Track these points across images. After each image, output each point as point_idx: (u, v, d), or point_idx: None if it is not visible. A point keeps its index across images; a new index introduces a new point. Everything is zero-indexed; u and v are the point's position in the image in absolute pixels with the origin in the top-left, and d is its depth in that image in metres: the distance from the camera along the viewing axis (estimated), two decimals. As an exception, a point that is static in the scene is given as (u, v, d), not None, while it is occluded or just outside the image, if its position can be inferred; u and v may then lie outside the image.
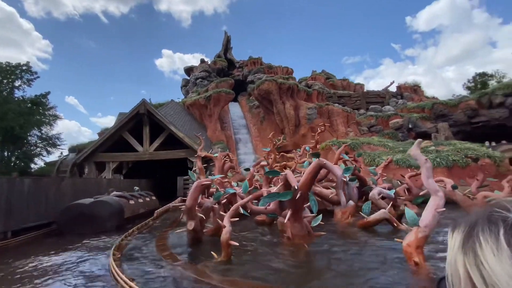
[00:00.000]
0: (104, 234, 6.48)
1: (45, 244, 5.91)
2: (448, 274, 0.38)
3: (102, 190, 9.86)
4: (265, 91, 16.70)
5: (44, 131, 30.33)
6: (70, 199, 7.99)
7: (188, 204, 4.35)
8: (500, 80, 32.19)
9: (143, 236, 6.03)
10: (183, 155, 15.74)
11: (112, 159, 14.90)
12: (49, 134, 30.65)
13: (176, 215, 9.24)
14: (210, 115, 23.28)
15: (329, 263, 3.69)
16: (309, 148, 9.15)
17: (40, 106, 27.09)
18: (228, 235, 3.75)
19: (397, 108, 21.33)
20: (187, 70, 34.16)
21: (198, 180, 4.69)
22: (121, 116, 23.65)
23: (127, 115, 15.04)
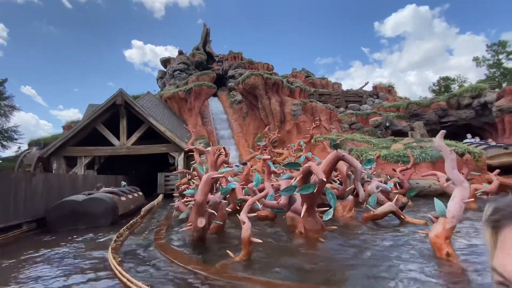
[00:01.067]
0: (99, 231, 5.92)
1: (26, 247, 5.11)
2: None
3: (78, 187, 8.93)
4: (250, 85, 16.38)
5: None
6: (43, 197, 7.08)
7: (199, 199, 3.96)
8: (462, 84, 35.20)
9: (136, 236, 5.48)
10: (164, 149, 14.92)
11: (85, 153, 13.63)
12: (4, 127, 27.54)
13: (164, 213, 8.66)
14: (190, 109, 22.41)
15: (353, 256, 3.55)
16: (303, 142, 9.07)
17: (-6, 95, 24.13)
18: (249, 232, 3.44)
19: (374, 107, 22.25)
20: (163, 62, 32.56)
21: (208, 173, 4.29)
22: (91, 108, 21.94)
23: (101, 106, 13.83)
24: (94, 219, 6.60)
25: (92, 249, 4.72)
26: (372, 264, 3.30)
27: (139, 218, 7.14)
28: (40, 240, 5.72)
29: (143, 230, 6.15)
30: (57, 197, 7.67)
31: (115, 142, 14.18)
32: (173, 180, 14.67)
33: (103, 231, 6.27)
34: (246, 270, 3.29)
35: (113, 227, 6.42)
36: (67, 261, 4.13)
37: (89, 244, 5.14)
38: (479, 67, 35.35)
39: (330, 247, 4.07)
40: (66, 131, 30.27)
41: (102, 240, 5.45)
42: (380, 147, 12.02)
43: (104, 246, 4.54)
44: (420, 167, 9.44)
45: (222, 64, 33.05)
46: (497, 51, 33.99)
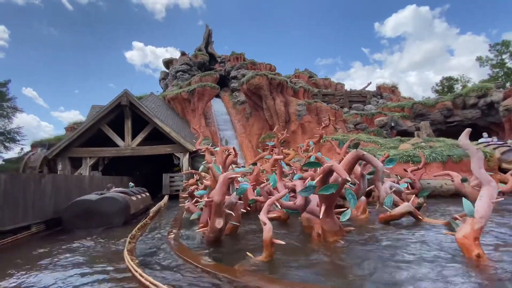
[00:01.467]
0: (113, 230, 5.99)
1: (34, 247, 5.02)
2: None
3: (85, 188, 8.86)
4: (255, 86, 16.31)
5: (1, 124, 27.22)
6: (51, 198, 7.00)
7: (217, 199, 3.87)
8: (465, 84, 35.08)
9: (148, 238, 5.39)
10: (169, 150, 14.84)
11: (89, 154, 13.56)
12: (7, 128, 27.56)
13: (172, 214, 8.56)
14: (194, 110, 22.37)
15: (375, 258, 3.45)
16: (312, 142, 8.97)
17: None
18: (271, 233, 3.36)
19: (378, 107, 22.15)
20: (166, 63, 32.54)
21: (224, 173, 4.21)
22: (95, 109, 21.93)
23: (106, 107, 13.76)
24: (107, 218, 6.71)
25: (108, 249, 4.64)
26: (396, 266, 3.20)
27: (148, 219, 7.06)
28: (55, 239, 5.63)
29: (154, 231, 6.06)
30: (64, 198, 7.60)
31: (120, 143, 14.10)
32: (178, 181, 14.60)
33: (117, 230, 6.33)
34: (268, 272, 3.20)
35: (126, 227, 6.55)
36: (83, 260, 4.05)
37: (105, 244, 5.05)
38: (482, 67, 35.26)
39: (349, 248, 3.97)
40: (69, 132, 30.29)
41: (116, 240, 5.36)
42: (388, 147, 11.92)
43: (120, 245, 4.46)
44: (431, 167, 9.34)
45: (224, 65, 33.02)
46: (501, 51, 33.89)
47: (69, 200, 7.74)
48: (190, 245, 4.62)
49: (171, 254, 4.11)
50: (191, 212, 6.86)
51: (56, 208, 7.14)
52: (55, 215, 7.18)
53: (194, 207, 6.90)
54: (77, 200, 6.78)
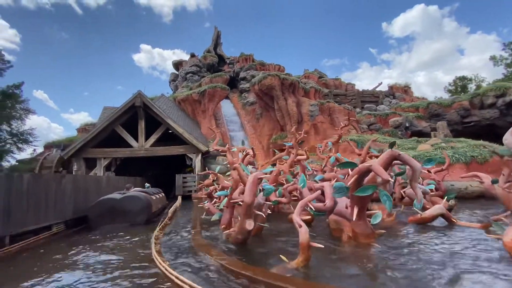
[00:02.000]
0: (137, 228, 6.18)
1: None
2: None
3: (102, 188, 8.88)
4: (267, 86, 16.19)
5: (14, 126, 27.75)
6: (71, 198, 7.01)
7: (248, 200, 3.75)
8: (479, 83, 34.24)
9: (171, 238, 5.31)
10: (182, 151, 14.84)
11: (104, 155, 13.66)
12: (20, 130, 28.09)
13: (187, 214, 8.49)
14: (204, 111, 22.39)
15: (413, 263, 3.26)
16: (331, 143, 8.79)
17: (12, 98, 24.61)
18: (308, 235, 3.21)
19: (391, 107, 21.75)
20: (175, 65, 32.77)
21: (254, 173, 4.08)
22: (107, 110, 22.17)
23: (120, 108, 13.86)
24: (131, 216, 6.91)
25: (135, 250, 4.57)
26: (436, 270, 3.01)
27: (167, 220, 7.00)
28: (79, 239, 5.61)
29: (174, 231, 5.98)
30: (83, 198, 7.61)
31: (134, 143, 14.17)
32: (190, 182, 14.58)
33: (139, 228, 6.48)
34: (305, 277, 3.06)
35: (148, 225, 6.82)
36: (112, 259, 3.98)
37: (130, 244, 4.99)
38: (496, 66, 34.33)
39: (384, 252, 3.79)
40: (80, 133, 30.75)
41: (141, 237, 5.30)
42: (406, 148, 11.63)
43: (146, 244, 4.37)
44: (454, 169, 9.03)
45: (233, 66, 33.05)
46: (516, 49, 32.92)
47: (88, 200, 7.76)
48: (217, 246, 4.51)
49: (200, 255, 4.00)
50: (211, 213, 6.76)
51: (75, 208, 7.15)
52: (74, 215, 7.19)
53: (214, 208, 6.80)
54: (102, 199, 6.97)
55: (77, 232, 6.59)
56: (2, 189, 4.80)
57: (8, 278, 3.62)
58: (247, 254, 4.02)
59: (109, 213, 6.78)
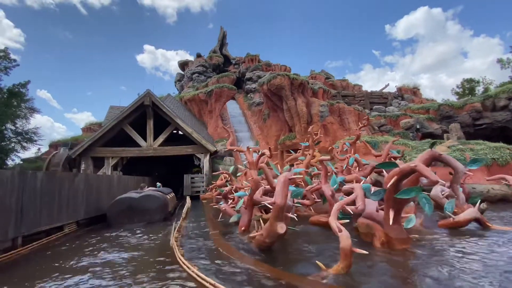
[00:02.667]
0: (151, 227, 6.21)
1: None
2: None
3: (113, 187, 8.69)
4: (276, 86, 15.98)
5: (19, 124, 27.69)
6: (83, 197, 6.82)
7: (281, 202, 3.52)
8: (487, 86, 33.83)
9: (191, 240, 5.09)
10: (190, 151, 14.65)
11: (112, 154, 13.50)
12: (24, 128, 28.04)
13: (198, 215, 8.28)
14: (211, 111, 22.24)
15: (460, 270, 3.01)
16: (349, 144, 8.56)
17: (18, 96, 24.57)
18: (350, 241, 2.98)
19: (401, 109, 21.46)
20: (181, 65, 32.68)
21: (284, 174, 3.86)
22: (113, 110, 22.08)
23: (129, 107, 13.71)
24: (149, 214, 7.04)
25: (157, 253, 4.35)
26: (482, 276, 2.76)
27: (182, 221, 6.79)
28: (102, 238, 5.41)
29: (193, 233, 5.76)
30: (95, 197, 7.43)
31: (142, 143, 14.01)
32: (198, 182, 14.38)
33: (157, 225, 6.65)
34: (347, 286, 2.82)
35: (165, 223, 6.99)
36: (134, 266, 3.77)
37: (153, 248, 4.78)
38: (504, 69, 33.93)
39: (423, 259, 3.55)
40: (85, 133, 30.68)
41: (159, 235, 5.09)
42: (420, 149, 11.34)
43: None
44: (474, 171, 8.73)
45: (238, 67, 32.92)
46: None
47: (100, 200, 7.58)
48: (242, 250, 4.28)
49: (229, 259, 3.78)
50: (228, 214, 6.55)
51: (87, 208, 6.96)
52: (86, 215, 7.01)
53: (231, 209, 6.59)
54: (120, 198, 7.06)
55: (90, 232, 6.40)
56: (15, 188, 4.61)
57: (23, 281, 3.41)
58: (275, 258, 3.79)
59: (128, 211, 6.87)
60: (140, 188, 8.52)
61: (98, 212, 7.49)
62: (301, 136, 16.18)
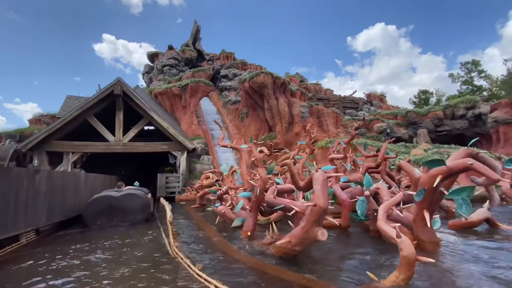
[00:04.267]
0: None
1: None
2: None
3: (81, 187, 7.40)
4: (259, 84, 15.53)
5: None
6: (45, 200, 5.57)
7: (324, 204, 3.03)
8: (440, 97, 37.59)
9: (189, 246, 4.32)
10: (166, 148, 13.45)
11: (73, 149, 11.73)
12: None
13: (188, 219, 7.41)
14: (185, 107, 20.97)
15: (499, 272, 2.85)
16: (343, 143, 8.44)
17: None
18: (413, 248, 2.61)
19: (370, 114, 22.55)
20: (150, 56, 30.47)
21: (320, 172, 3.37)
22: (71, 100, 19.68)
23: (96, 96, 12.07)
24: (131, 215, 6.61)
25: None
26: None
27: (169, 224, 5.92)
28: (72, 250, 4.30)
29: (190, 240, 4.97)
30: (60, 199, 6.16)
31: (110, 137, 12.44)
32: (174, 182, 13.24)
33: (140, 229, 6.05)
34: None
35: (148, 224, 6.61)
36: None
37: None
38: (454, 83, 38.11)
39: (459, 260, 3.35)
40: (33, 125, 26.89)
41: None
42: (399, 152, 11.81)
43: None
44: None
45: (213, 63, 31.84)
46: (470, 69, 36.86)
47: (65, 202, 6.34)
48: (267, 259, 3.69)
49: (250, 271, 3.16)
50: (227, 217, 5.87)
51: (50, 211, 5.71)
52: (48, 221, 5.75)
53: (230, 212, 5.92)
54: (98, 197, 6.54)
55: (55, 241, 5.22)
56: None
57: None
58: (303, 266, 3.28)
59: (107, 211, 6.39)
60: (118, 187, 7.83)
61: (63, 216, 6.24)
62: (282, 136, 15.95)
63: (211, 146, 19.86)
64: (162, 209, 9.55)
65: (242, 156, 7.48)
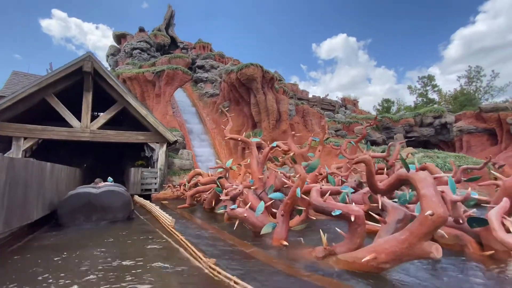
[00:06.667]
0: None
1: None
2: None
3: (46, 180, 5.80)
4: (248, 76, 14.61)
5: None
6: (5, 197, 4.06)
7: (445, 213, 2.39)
8: (400, 106, 40.75)
9: (229, 263, 3.37)
10: (142, 139, 11.80)
11: (26, 133, 9.50)
12: None
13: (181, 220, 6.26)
14: (159, 95, 19.07)
15: None
16: (353, 142, 8.09)
17: None
18: None
19: (347, 117, 23.19)
20: (117, 37, 27.26)
21: (425, 172, 2.72)
22: (17, 76, 16.61)
23: (58, 71, 9.95)
24: (112, 213, 6.21)
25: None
26: None
27: (174, 230, 4.81)
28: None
29: (213, 252, 3.96)
30: (22, 196, 4.61)
31: (75, 123, 10.41)
32: (150, 177, 11.68)
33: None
34: None
35: (130, 222, 6.22)
36: None
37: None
38: (412, 94, 41.73)
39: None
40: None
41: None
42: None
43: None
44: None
45: (187, 52, 29.82)
46: (426, 83, 40.70)
47: (27, 201, 4.80)
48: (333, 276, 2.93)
49: None
50: (250, 223, 4.95)
51: (8, 216, 4.18)
52: (6, 227, 4.22)
53: (253, 216, 5.01)
54: (75, 193, 6.03)
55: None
56: None
57: None
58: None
59: (85, 209, 5.96)
60: (94, 183, 7.21)
61: (24, 219, 4.69)
62: (268, 133, 15.29)
63: (187, 140, 18.34)
64: (139, 209, 8.23)
65: (252, 151, 6.62)
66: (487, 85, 34.28)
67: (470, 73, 35.22)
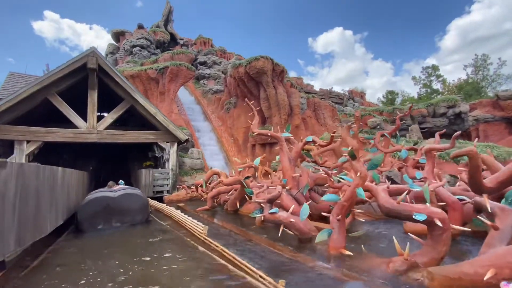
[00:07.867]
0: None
1: None
2: None
3: (58, 187, 5.19)
4: (258, 69, 13.93)
5: None
6: (16, 210, 3.44)
7: None
8: (405, 98, 40.14)
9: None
10: (152, 138, 11.17)
11: (29, 136, 8.85)
12: None
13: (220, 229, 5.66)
14: (163, 93, 18.38)
15: None
16: (387, 134, 7.51)
17: None
18: None
19: (356, 109, 22.57)
20: (116, 34, 26.42)
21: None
22: (14, 78, 15.87)
23: (61, 69, 9.27)
24: (130, 215, 6.13)
25: None
26: None
27: (208, 239, 4.21)
28: None
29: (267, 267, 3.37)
30: (34, 208, 4.00)
31: (80, 123, 9.75)
32: (161, 179, 11.08)
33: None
34: None
35: (148, 224, 6.13)
36: None
37: None
38: (417, 85, 41.12)
39: None
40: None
41: None
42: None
43: None
44: (445, 166, 9.05)
45: (187, 49, 29.02)
46: (430, 73, 40.05)
47: (39, 214, 4.20)
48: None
49: None
50: (295, 228, 4.35)
51: (20, 231, 3.57)
52: (18, 245, 3.61)
53: (300, 221, 4.41)
54: (94, 197, 5.93)
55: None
56: None
57: None
58: None
59: (104, 212, 5.85)
60: (108, 187, 7.07)
61: (38, 232, 4.09)
62: (280, 128, 14.64)
63: (195, 138, 17.71)
64: (154, 211, 7.70)
65: (283, 147, 6.00)
66: (494, 73, 33.69)
67: (477, 62, 34.58)
